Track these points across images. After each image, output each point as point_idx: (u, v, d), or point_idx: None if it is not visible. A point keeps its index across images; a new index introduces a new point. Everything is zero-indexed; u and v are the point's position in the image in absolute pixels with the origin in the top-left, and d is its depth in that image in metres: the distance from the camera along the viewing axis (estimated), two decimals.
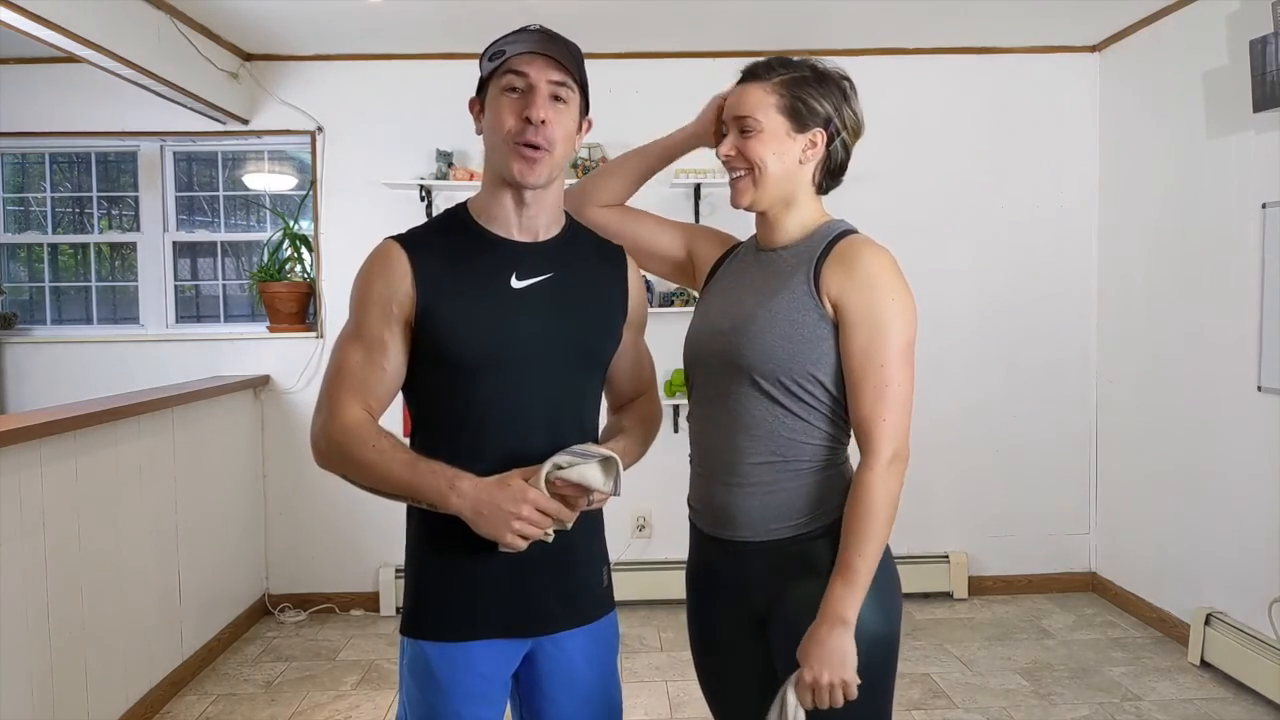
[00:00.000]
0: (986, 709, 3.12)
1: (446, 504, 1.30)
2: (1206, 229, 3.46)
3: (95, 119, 4.11)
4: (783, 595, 1.47)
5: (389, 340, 1.36)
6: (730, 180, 1.53)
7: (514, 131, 1.34)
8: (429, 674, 1.39)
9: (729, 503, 1.50)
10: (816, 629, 1.37)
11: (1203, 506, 3.51)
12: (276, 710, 3.19)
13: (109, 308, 4.38)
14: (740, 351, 1.45)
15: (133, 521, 3.06)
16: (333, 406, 1.36)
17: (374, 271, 1.38)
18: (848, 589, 1.37)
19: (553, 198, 1.44)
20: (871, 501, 1.38)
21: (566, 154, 1.40)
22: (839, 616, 1.36)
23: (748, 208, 1.53)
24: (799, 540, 1.47)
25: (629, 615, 4.04)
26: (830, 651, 1.35)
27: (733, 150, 1.49)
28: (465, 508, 1.29)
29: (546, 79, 1.35)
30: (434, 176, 4.05)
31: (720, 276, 1.62)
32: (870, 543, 1.38)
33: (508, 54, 1.35)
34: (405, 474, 1.31)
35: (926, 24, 3.86)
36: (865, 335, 1.40)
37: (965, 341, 4.24)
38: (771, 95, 1.47)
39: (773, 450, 1.46)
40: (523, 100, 1.34)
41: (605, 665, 1.51)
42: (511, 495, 1.27)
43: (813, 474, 1.47)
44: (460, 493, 1.29)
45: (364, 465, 1.33)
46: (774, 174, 1.48)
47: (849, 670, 1.35)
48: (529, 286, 1.40)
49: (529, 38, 1.36)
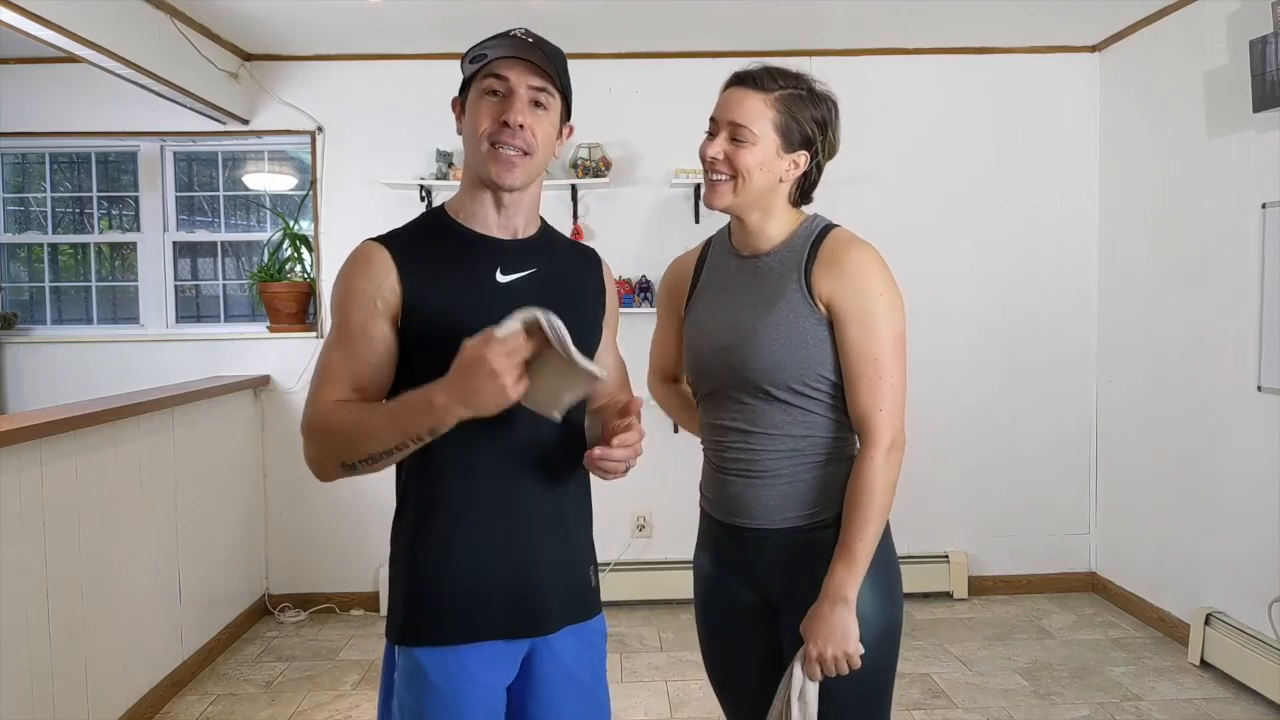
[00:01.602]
0: (986, 709, 3.12)
1: (443, 422, 1.23)
2: (1206, 229, 3.46)
3: (95, 119, 4.11)
4: (796, 580, 1.52)
5: (374, 334, 1.34)
6: (708, 180, 1.54)
7: (490, 133, 1.34)
8: (424, 682, 1.35)
9: (744, 494, 1.55)
10: (819, 607, 1.45)
11: (1203, 506, 3.50)
12: (276, 710, 3.19)
13: (109, 308, 4.38)
14: (748, 365, 1.50)
15: (133, 521, 3.06)
16: (314, 400, 1.34)
17: (355, 270, 1.36)
18: (848, 570, 1.45)
19: (530, 199, 1.44)
20: (871, 488, 1.46)
21: (546, 158, 1.40)
22: (840, 595, 1.44)
23: (723, 209, 1.55)
24: (812, 529, 1.53)
25: (629, 615, 4.04)
26: (833, 628, 1.43)
27: (721, 154, 1.50)
28: (456, 406, 1.21)
29: (527, 84, 1.35)
30: (434, 176, 4.06)
31: (705, 286, 1.65)
32: (870, 526, 1.46)
33: (489, 57, 1.35)
34: (387, 424, 1.26)
35: (926, 24, 3.86)
36: (858, 331, 1.47)
37: (965, 341, 4.24)
38: (770, 109, 1.49)
39: (789, 446, 1.52)
40: (502, 104, 1.35)
41: (595, 667, 1.49)
42: (478, 369, 1.18)
43: (826, 464, 1.53)
44: (442, 405, 1.21)
45: (345, 432, 1.29)
46: (756, 186, 1.51)
47: (851, 644, 1.43)
48: (515, 281, 1.40)
49: (511, 42, 1.36)
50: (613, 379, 1.60)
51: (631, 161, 4.16)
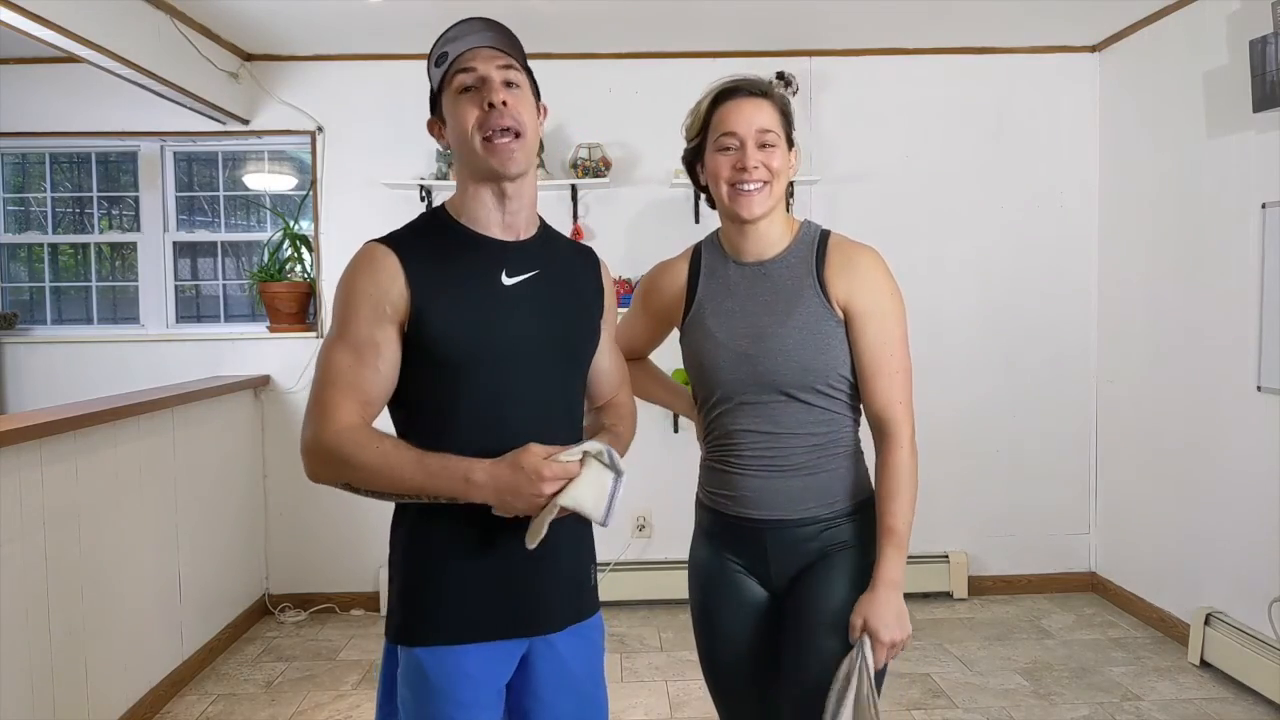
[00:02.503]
0: (986, 709, 3.12)
1: (467, 497, 1.28)
2: (1206, 229, 3.46)
3: (95, 119, 4.12)
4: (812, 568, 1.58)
5: (381, 341, 1.33)
6: (743, 191, 1.55)
7: (479, 123, 1.34)
8: (424, 681, 1.35)
9: (766, 486, 1.59)
10: (877, 594, 1.50)
11: (1203, 506, 3.51)
12: (276, 710, 3.19)
13: (109, 308, 4.38)
14: (775, 370, 1.55)
15: (133, 521, 3.06)
16: (325, 412, 1.31)
17: (361, 273, 1.34)
18: (899, 552, 1.52)
19: (530, 197, 1.44)
20: (905, 476, 1.54)
21: (535, 138, 1.40)
22: (895, 580, 1.51)
23: (760, 216, 1.57)
24: (830, 519, 1.58)
25: (629, 615, 4.04)
26: (899, 613, 1.49)
27: (758, 164, 1.54)
28: (488, 496, 1.28)
29: (495, 66, 1.36)
30: (434, 176, 4.06)
31: (706, 296, 1.65)
32: (910, 511, 1.54)
33: (450, 54, 1.36)
34: (415, 473, 1.28)
35: (926, 24, 3.86)
36: (874, 329, 1.55)
37: (965, 341, 4.23)
38: (777, 113, 1.57)
39: (812, 443, 1.58)
40: (478, 94, 1.35)
41: (594, 666, 1.50)
42: (527, 476, 1.26)
43: (846, 457, 1.61)
44: (478, 485, 1.27)
45: (368, 469, 1.29)
46: (781, 188, 1.58)
47: (909, 628, 1.51)
48: (519, 283, 1.40)
49: (467, 32, 1.37)
50: (613, 378, 1.61)
51: (631, 161, 4.16)
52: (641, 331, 1.79)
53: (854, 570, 1.56)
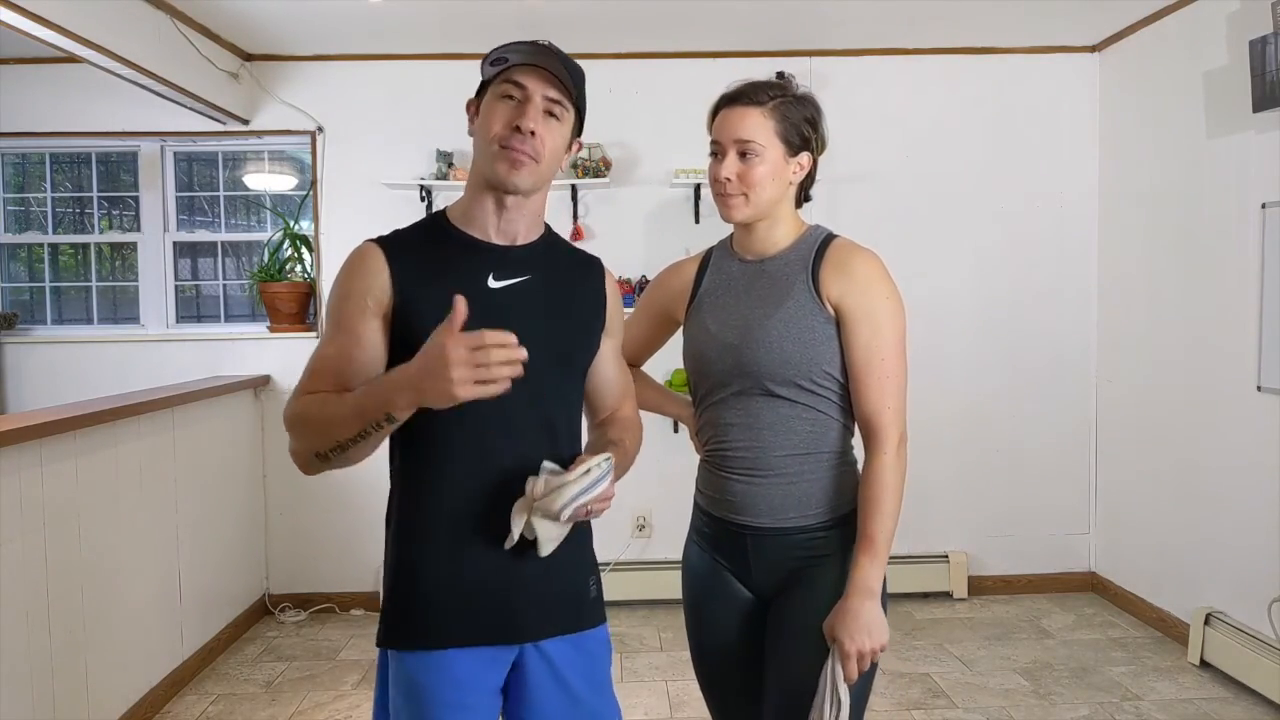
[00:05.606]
0: (986, 709, 3.12)
1: (395, 405, 1.24)
2: (1206, 229, 3.46)
3: (95, 119, 4.12)
4: (796, 577, 1.57)
5: (364, 331, 1.36)
6: (723, 197, 1.58)
7: (501, 137, 1.35)
8: (412, 684, 1.37)
9: (748, 492, 1.58)
10: (848, 603, 1.47)
11: (1203, 506, 3.51)
12: (276, 710, 3.19)
13: (109, 308, 4.38)
14: (756, 360, 1.54)
15: (133, 521, 3.06)
16: (297, 393, 1.36)
17: (350, 269, 1.39)
18: (873, 561, 1.49)
19: (533, 206, 1.44)
20: (887, 483, 1.51)
21: (552, 169, 1.41)
22: (868, 589, 1.47)
23: (739, 222, 1.61)
24: (814, 529, 1.56)
25: (629, 615, 4.04)
26: (868, 622, 1.46)
27: (734, 174, 1.55)
28: (411, 395, 1.22)
29: (543, 93, 1.36)
30: (434, 176, 4.06)
31: (709, 291, 1.68)
32: (889, 519, 1.50)
33: (509, 62, 1.36)
34: (350, 406, 1.27)
35: (926, 24, 3.86)
36: (867, 333, 1.53)
37: (965, 341, 4.24)
38: (769, 120, 1.55)
39: (793, 444, 1.56)
40: (517, 109, 1.35)
41: (596, 679, 1.48)
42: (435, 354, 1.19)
43: (832, 466, 1.58)
44: (395, 383, 1.23)
45: (318, 419, 1.30)
46: (768, 195, 1.57)
47: (884, 637, 1.47)
48: (506, 288, 1.40)
49: (534, 50, 1.37)
50: (616, 390, 1.59)
51: (631, 161, 4.16)
52: (639, 334, 1.80)
53: (835, 582, 1.53)
